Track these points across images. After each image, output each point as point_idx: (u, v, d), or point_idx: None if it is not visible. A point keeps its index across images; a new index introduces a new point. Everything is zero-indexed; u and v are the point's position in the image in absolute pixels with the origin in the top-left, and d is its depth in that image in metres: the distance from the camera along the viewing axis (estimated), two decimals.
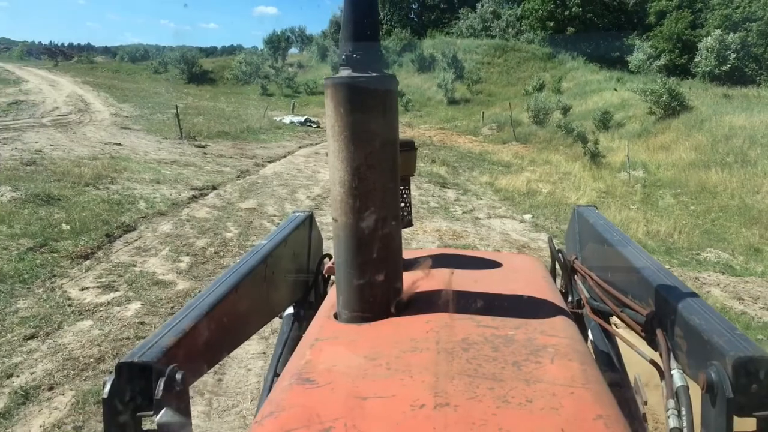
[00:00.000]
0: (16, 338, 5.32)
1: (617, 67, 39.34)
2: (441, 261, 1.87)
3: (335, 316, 1.44)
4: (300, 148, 20.69)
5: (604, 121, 27.05)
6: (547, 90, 35.91)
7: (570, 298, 2.14)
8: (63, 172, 11.79)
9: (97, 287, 6.61)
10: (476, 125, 31.18)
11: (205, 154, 17.08)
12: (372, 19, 1.33)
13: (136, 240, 8.40)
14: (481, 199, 15.13)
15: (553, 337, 1.29)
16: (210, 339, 1.31)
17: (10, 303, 6.02)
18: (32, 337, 5.38)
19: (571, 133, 24.62)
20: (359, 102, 1.28)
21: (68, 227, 8.46)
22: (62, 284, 6.61)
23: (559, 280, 2.23)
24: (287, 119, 28.75)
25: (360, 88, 1.28)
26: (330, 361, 1.20)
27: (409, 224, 1.93)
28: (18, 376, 4.74)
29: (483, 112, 32.57)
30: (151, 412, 1.05)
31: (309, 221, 2.16)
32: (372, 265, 1.35)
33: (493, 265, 1.88)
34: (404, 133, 27.51)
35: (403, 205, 1.86)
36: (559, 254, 2.24)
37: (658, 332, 1.38)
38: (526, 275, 1.83)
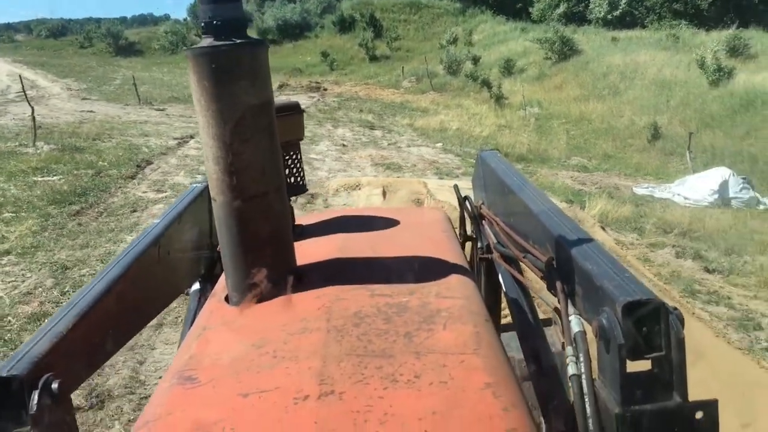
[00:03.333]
0: (125, 212, 9.20)
1: (522, 18, 43.97)
2: (337, 224, 1.91)
3: (227, 299, 1.42)
4: None
5: (508, 68, 31.63)
6: (460, 43, 40.21)
7: (480, 244, 2.20)
8: (71, 132, 15.29)
9: (152, 191, 10.48)
10: (397, 79, 35.17)
11: (167, 115, 20.56)
12: None
13: (158, 168, 12.21)
14: (402, 135, 19.31)
15: (447, 299, 1.32)
16: (93, 339, 1.28)
17: (106, 200, 9.84)
18: (134, 211, 9.27)
19: (477, 81, 29.03)
20: (225, 72, 1.24)
21: (105, 163, 12.17)
22: (128, 190, 10.45)
23: (469, 228, 2.30)
24: None
25: (224, 57, 1.24)
26: (215, 354, 1.19)
27: (303, 190, 1.90)
28: (141, 225, 8.62)
29: (403, 67, 36.53)
30: (28, 428, 1.02)
31: (209, 192, 1.91)
32: (258, 243, 1.34)
33: (392, 223, 1.89)
34: (332, 90, 31.47)
35: (294, 171, 1.86)
36: (466, 201, 2.32)
37: (556, 278, 1.41)
38: (426, 231, 1.84)
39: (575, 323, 1.28)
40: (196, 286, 1.93)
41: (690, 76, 21.87)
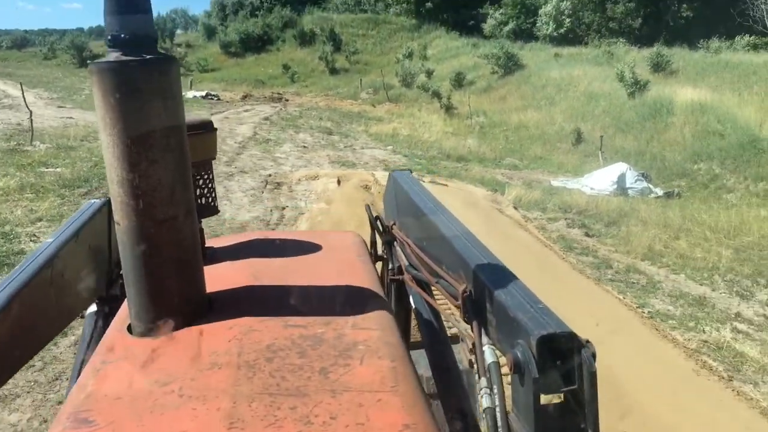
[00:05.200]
0: None
1: (474, 34, 46.99)
2: (250, 248, 1.88)
3: (129, 328, 1.34)
4: (212, 114, 26.48)
5: (459, 81, 34.41)
6: (415, 57, 43.00)
7: (390, 265, 2.21)
8: (60, 135, 17.37)
9: None
10: (356, 91, 37.72)
11: None
12: None
13: None
14: (358, 140, 21.81)
15: (364, 331, 1.31)
16: None
17: (105, 185, 11.95)
18: None
19: (429, 92, 31.75)
20: (132, 89, 1.18)
21: (98, 158, 14.30)
22: None
23: (380, 248, 2.33)
24: (190, 94, 34.11)
25: (132, 73, 1.19)
26: (115, 392, 1.12)
27: (215, 211, 1.86)
28: None
29: (361, 79, 39.15)
30: None
31: (108, 208, 1.97)
32: (164, 270, 1.28)
33: (308, 248, 1.88)
34: (293, 101, 33.84)
35: (205, 191, 1.82)
36: (378, 221, 2.33)
37: (470, 307, 1.42)
38: (341, 257, 1.85)
39: (489, 354, 1.29)
40: (93, 307, 1.88)
41: (613, 89, 24.83)
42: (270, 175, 14.24)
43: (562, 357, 1.09)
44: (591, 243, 10.73)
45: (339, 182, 13.44)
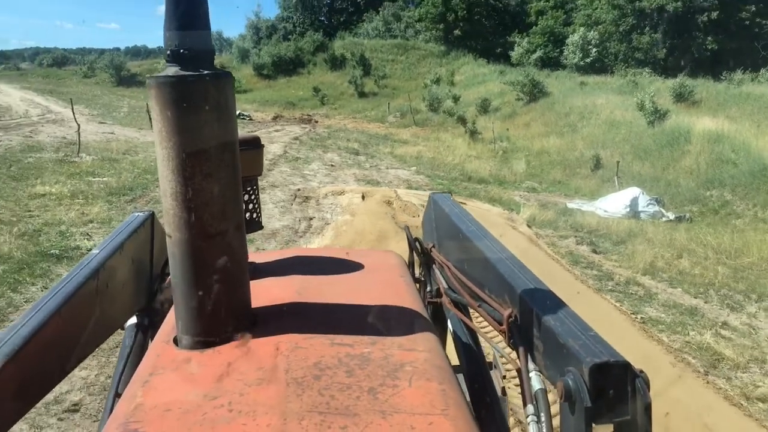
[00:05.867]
0: None
1: (501, 61, 48.11)
2: (293, 265, 1.90)
3: (175, 340, 1.37)
4: None
5: (484, 107, 35.42)
6: (443, 82, 44.20)
7: (429, 287, 2.22)
8: (103, 148, 18.65)
9: None
10: (383, 114, 38.96)
11: None
12: (200, 5, 1.25)
13: None
14: (383, 160, 22.82)
15: (411, 352, 1.31)
16: (23, 380, 1.25)
17: (148, 194, 13.14)
18: None
19: (454, 117, 32.81)
20: (190, 103, 1.22)
21: (140, 170, 15.51)
22: None
23: (417, 269, 2.34)
24: None
25: (191, 87, 1.23)
26: (164, 404, 1.13)
27: (258, 227, 1.90)
28: None
29: (389, 103, 40.40)
30: None
31: (150, 221, 2.09)
32: (213, 283, 1.30)
33: (350, 267, 1.89)
34: (323, 122, 35.09)
35: (251, 207, 1.86)
36: (417, 243, 2.35)
37: (516, 333, 1.41)
38: (383, 276, 1.84)
39: (536, 381, 1.29)
40: (133, 319, 1.91)
41: (634, 117, 25.60)
42: (299, 190, 15.27)
43: (615, 386, 1.08)
44: (597, 259, 11.51)
45: (363, 197, 14.41)
